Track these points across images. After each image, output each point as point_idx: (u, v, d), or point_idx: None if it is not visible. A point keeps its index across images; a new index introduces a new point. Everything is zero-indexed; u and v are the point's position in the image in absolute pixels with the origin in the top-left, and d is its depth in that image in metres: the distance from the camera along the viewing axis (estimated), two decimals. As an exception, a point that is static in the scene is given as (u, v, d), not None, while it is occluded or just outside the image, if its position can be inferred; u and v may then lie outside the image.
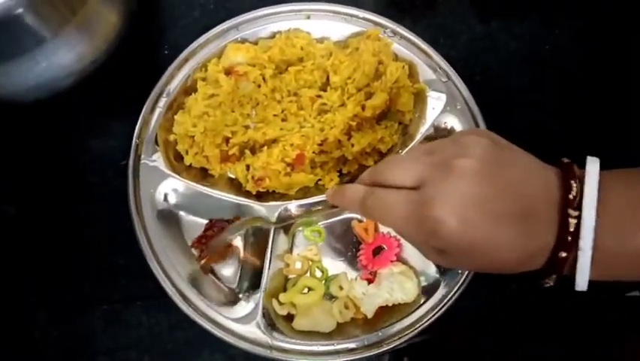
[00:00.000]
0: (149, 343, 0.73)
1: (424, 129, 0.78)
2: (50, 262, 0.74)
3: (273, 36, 0.79)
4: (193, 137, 0.73)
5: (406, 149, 0.77)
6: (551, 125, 0.83)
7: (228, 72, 0.75)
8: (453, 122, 0.80)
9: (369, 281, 0.73)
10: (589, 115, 0.83)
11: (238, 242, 0.75)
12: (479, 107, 0.79)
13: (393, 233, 0.76)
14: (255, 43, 0.78)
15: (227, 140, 0.74)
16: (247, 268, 0.75)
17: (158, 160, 0.74)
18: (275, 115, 0.75)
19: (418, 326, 0.71)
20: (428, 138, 0.79)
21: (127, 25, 0.74)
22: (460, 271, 0.74)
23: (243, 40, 0.78)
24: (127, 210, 0.72)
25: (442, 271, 0.74)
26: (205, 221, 0.75)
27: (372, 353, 0.70)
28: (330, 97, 0.75)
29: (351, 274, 0.75)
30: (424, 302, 0.73)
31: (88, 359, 0.72)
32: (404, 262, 0.75)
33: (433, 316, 0.72)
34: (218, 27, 0.78)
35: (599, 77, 0.85)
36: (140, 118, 0.75)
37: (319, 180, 0.76)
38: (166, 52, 0.81)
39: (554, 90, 0.85)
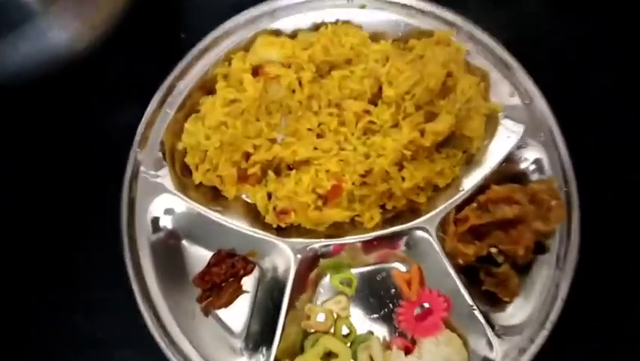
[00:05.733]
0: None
1: (494, 162, 0.62)
2: (28, 292, 0.62)
3: (316, 28, 0.64)
4: (206, 150, 0.58)
5: (471, 184, 0.61)
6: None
7: (256, 72, 0.60)
8: (532, 155, 0.64)
9: (407, 351, 0.59)
10: None
11: (250, 284, 0.62)
12: (568, 141, 0.63)
13: (442, 290, 0.61)
14: (293, 35, 0.63)
15: (247, 155, 0.60)
16: (259, 316, 0.61)
17: (163, 176, 0.60)
18: (309, 129, 0.61)
19: (463, 415, 0.57)
20: (499, 174, 0.63)
21: (135, 2, 0.59)
22: (520, 349, 0.59)
23: (278, 32, 0.63)
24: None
25: (497, 346, 0.59)
26: (211, 253, 0.62)
27: None
28: (380, 114, 0.59)
29: (386, 335, 0.61)
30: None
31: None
32: (452, 328, 0.60)
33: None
34: (248, 11, 0.63)
35: None
36: (144, 119, 0.61)
37: (356, 215, 0.61)
38: (183, 36, 0.66)
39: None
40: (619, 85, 0.69)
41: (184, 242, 0.62)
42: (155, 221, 0.60)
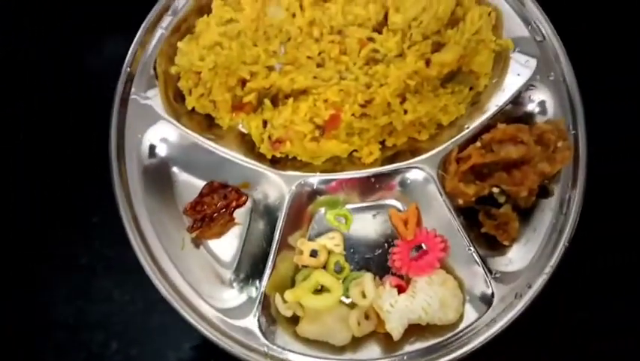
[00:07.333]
0: (118, 324, 0.59)
1: (501, 101, 0.60)
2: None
3: (320, -51, 0.60)
4: (200, 73, 0.56)
5: (474, 124, 0.59)
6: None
7: (255, -9, 0.56)
8: (541, 96, 0.61)
9: (401, 290, 0.57)
10: None
11: (242, 216, 0.60)
12: (579, 82, 0.60)
13: (439, 231, 0.59)
14: (296, -44, 0.59)
15: (243, 83, 0.57)
16: (250, 249, 0.59)
17: (152, 98, 0.58)
18: (309, 57, 0.57)
19: (455, 354, 0.56)
20: (505, 115, 0.60)
21: None
22: (517, 294, 0.57)
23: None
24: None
25: (494, 290, 0.57)
26: (203, 182, 0.60)
27: (391, 381, 0.55)
28: (385, 42, 0.56)
29: (379, 275, 0.59)
30: (467, 327, 0.57)
31: (42, 332, 0.59)
32: (449, 270, 0.59)
33: (474, 346, 0.56)
34: None
35: None
36: (136, 39, 0.58)
37: (354, 150, 0.58)
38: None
39: None
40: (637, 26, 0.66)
41: (175, 171, 0.60)
42: (146, 147, 0.58)
